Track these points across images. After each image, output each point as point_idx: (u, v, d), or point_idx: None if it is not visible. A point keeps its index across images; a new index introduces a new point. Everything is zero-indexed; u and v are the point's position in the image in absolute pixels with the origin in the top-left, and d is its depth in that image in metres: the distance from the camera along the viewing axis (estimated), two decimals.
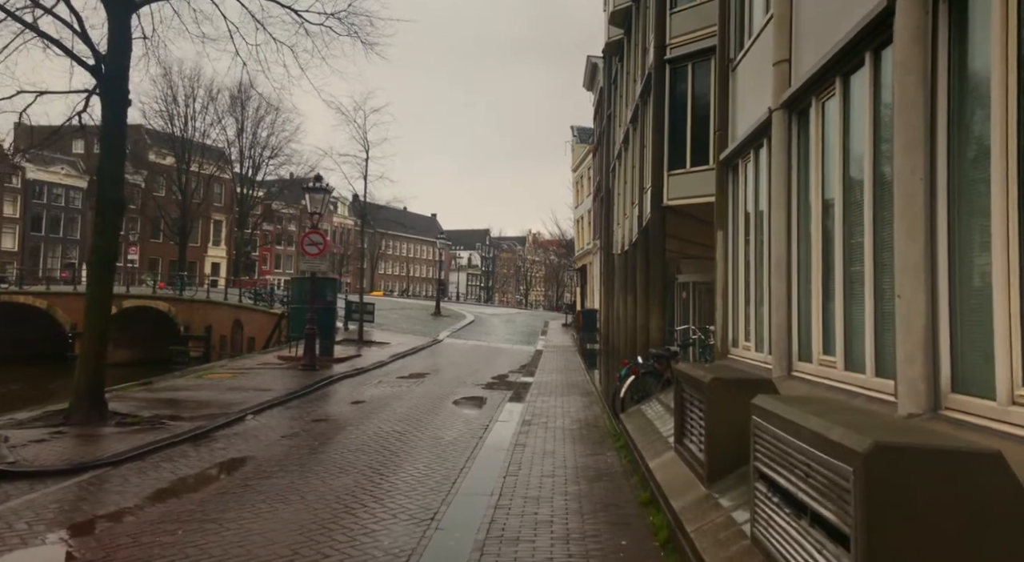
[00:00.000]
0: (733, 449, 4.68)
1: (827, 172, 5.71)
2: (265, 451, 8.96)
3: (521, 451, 8.60)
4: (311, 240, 17.28)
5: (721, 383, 4.78)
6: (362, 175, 26.83)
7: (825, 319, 5.69)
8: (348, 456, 8.70)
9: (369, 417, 11.68)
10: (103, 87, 10.95)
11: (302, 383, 15.31)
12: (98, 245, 10.81)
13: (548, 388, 15.56)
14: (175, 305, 38.37)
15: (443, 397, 14.12)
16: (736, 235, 8.71)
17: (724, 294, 9.01)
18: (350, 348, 23.98)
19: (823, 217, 5.76)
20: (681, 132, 15.44)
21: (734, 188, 8.86)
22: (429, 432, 10.33)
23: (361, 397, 14.02)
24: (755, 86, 8.00)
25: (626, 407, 9.52)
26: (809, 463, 2.76)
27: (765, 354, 7.36)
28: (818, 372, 5.70)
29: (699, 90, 15.06)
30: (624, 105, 24.12)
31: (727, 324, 8.94)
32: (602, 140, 34.52)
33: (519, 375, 18.56)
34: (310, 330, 17.42)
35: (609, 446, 8.82)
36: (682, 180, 15.28)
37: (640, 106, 18.88)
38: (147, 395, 13.26)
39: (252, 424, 10.85)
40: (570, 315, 46.98)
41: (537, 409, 12.38)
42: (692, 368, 5.56)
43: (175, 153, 66.05)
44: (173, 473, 7.74)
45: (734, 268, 8.77)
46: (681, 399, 5.91)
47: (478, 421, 11.30)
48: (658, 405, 8.92)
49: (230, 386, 14.59)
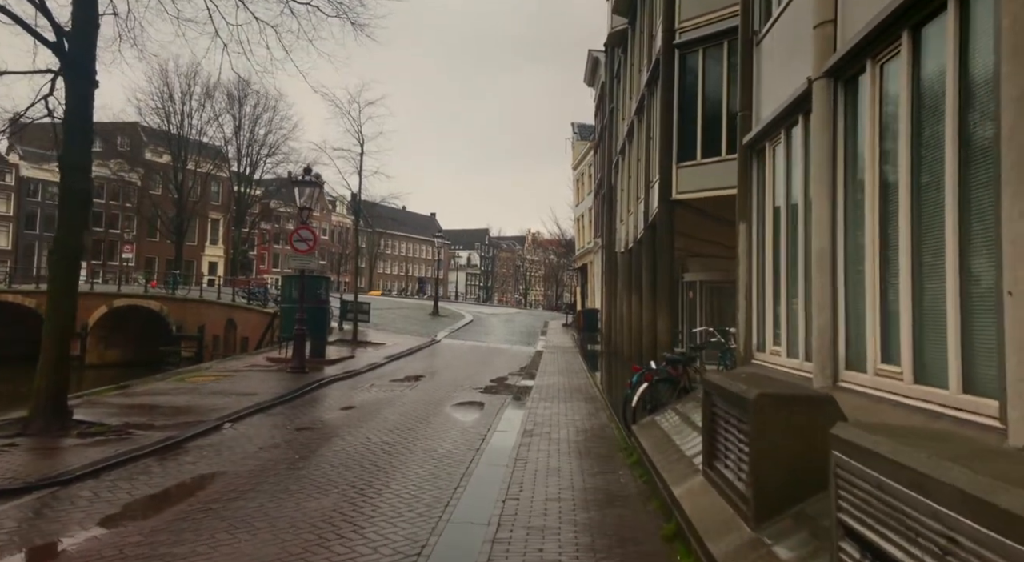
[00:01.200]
0: (787, 482, 3.80)
1: (888, 147, 4.82)
2: (238, 466, 8.07)
3: (522, 467, 7.71)
4: (300, 236, 16.38)
5: (770, 400, 3.90)
6: (356, 170, 25.74)
7: (884, 321, 4.80)
8: (330, 472, 7.81)
9: (358, 425, 10.80)
10: (67, 67, 10.06)
11: (289, 387, 14.42)
12: (61, 239, 9.92)
13: (550, 392, 14.68)
14: (167, 304, 37.47)
15: (438, 403, 13.23)
16: (762, 227, 7.83)
17: (748, 293, 8.13)
18: (344, 349, 23.11)
19: (882, 201, 4.87)
20: (691, 122, 14.55)
21: (760, 175, 7.97)
22: (422, 443, 9.44)
23: (351, 402, 13.13)
24: (786, 58, 7.12)
25: (638, 417, 8.64)
26: (954, 536, 1.88)
27: (800, 361, 6.48)
28: (875, 384, 4.81)
29: (711, 77, 14.17)
30: (628, 97, 23.23)
31: (751, 326, 8.06)
32: (603, 136, 33.63)
33: (519, 378, 17.68)
34: (299, 331, 16.53)
35: (620, 462, 7.93)
36: (692, 172, 14.39)
37: (646, 96, 17.99)
38: (122, 400, 12.38)
39: (229, 434, 9.96)
40: (570, 315, 46.09)
41: (539, 416, 11.50)
42: (729, 380, 4.67)
43: (171, 151, 65.17)
44: (129, 494, 6.84)
45: (760, 264, 7.89)
46: (712, 414, 5.03)
47: (475, 430, 10.42)
48: (674, 416, 8.04)
49: (212, 390, 13.70)
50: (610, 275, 29.15)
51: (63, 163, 10.15)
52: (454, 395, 14.35)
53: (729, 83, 13.66)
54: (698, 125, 14.35)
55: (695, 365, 9.31)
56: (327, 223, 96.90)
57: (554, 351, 26.29)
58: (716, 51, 13.97)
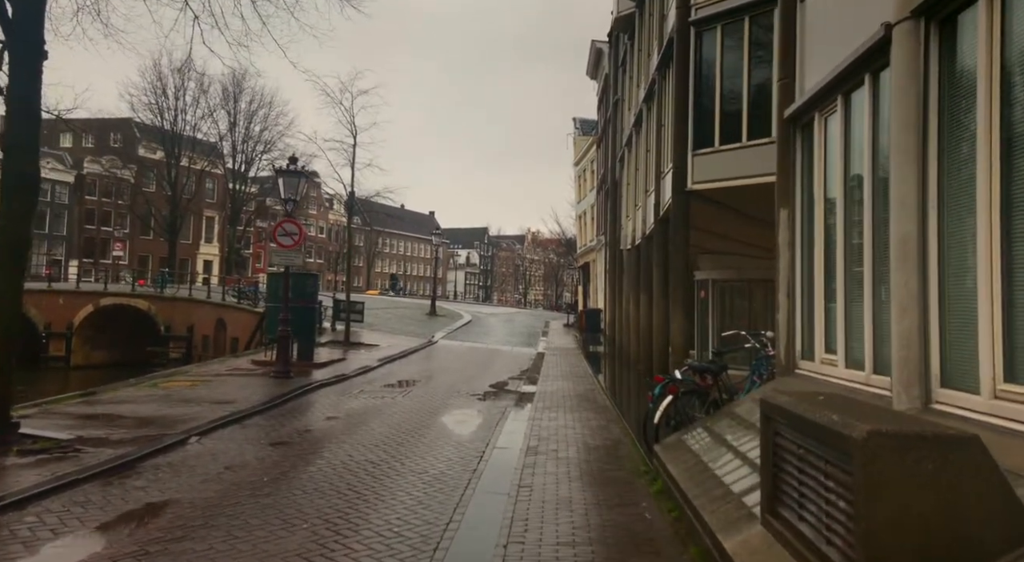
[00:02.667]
0: (916, 558, 2.65)
1: (1018, 95, 3.66)
2: (196, 492, 6.90)
3: (526, 498, 6.53)
4: (284, 230, 15.19)
5: (889, 442, 2.73)
6: (349, 162, 24.56)
7: (1011, 326, 3.63)
8: (301, 500, 6.65)
9: (341, 439, 9.63)
10: (11, 36, 8.89)
11: (271, 394, 13.26)
12: (3, 228, 8.74)
13: (554, 400, 13.51)
14: (156, 303, 36.29)
15: (432, 412, 12.06)
16: (810, 213, 6.67)
17: (790, 291, 6.96)
18: (335, 351, 21.94)
19: (1004, 169, 3.70)
20: (708, 106, 13.37)
21: (806, 152, 6.81)
22: (411, 462, 8.27)
23: (336, 412, 11.97)
24: (843, 10, 5.96)
25: (661, 435, 7.47)
26: None
27: (866, 373, 5.32)
28: (997, 410, 3.65)
29: (730, 56, 12.99)
30: (635, 85, 22.07)
31: (793, 330, 6.90)
32: (607, 129, 32.49)
33: (520, 383, 16.52)
34: (283, 332, 15.35)
35: (642, 491, 6.75)
36: (709, 161, 13.22)
37: (657, 81, 16.83)
38: (82, 409, 11.21)
39: (194, 450, 8.79)
40: (571, 315, 44.90)
41: (543, 429, 10.33)
42: (807, 405, 3.50)
43: (164, 147, 63.94)
44: (53, 533, 5.67)
45: (807, 256, 6.73)
46: (776, 447, 3.87)
47: (472, 446, 9.25)
48: (704, 435, 6.87)
49: (185, 397, 12.53)
50: (614, 274, 28.00)
51: (6, 143, 8.98)
52: (450, 403, 13.19)
53: (751, 62, 12.51)
54: (716, 109, 13.17)
55: (727, 375, 8.11)
56: (324, 221, 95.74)
57: (556, 353, 25.13)
58: (736, 27, 12.80)
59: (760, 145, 12.20)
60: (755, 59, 12.43)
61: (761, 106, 12.31)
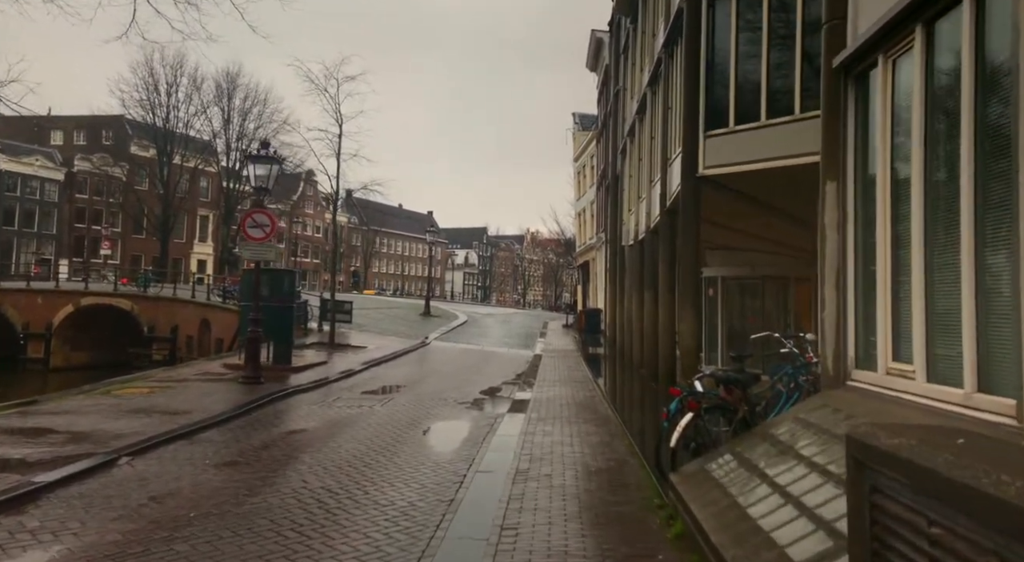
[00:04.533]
0: None
1: None
2: (97, 536, 5.52)
3: (510, 546, 5.13)
4: (255, 221, 13.79)
5: None
6: (334, 153, 23.16)
7: None
8: (227, 550, 5.26)
9: (300, 459, 8.26)
10: None
11: (235, 402, 11.88)
12: None
13: (550, 409, 12.12)
14: (139, 303, 34.86)
15: (412, 424, 10.69)
16: (869, 183, 5.29)
17: (840, 283, 5.59)
18: (320, 353, 20.55)
19: None
20: (722, 82, 11.99)
21: (861, 108, 5.43)
22: (376, 491, 6.89)
23: (304, 424, 10.60)
24: None
25: (679, 462, 6.07)
26: None
27: (967, 391, 3.94)
28: None
29: (747, 21, 11.61)
30: (638, 70, 20.70)
31: (844, 331, 5.52)
32: (608, 122, 31.12)
33: (514, 388, 15.15)
34: (253, 334, 13.96)
35: (657, 535, 5.35)
36: (723, 143, 11.83)
37: (663, 60, 15.43)
38: (11, 423, 9.81)
39: (120, 474, 7.40)
40: (570, 315, 43.48)
41: (536, 446, 8.94)
42: (967, 465, 2.12)
43: (156, 145, 62.57)
44: None
45: (864, 239, 5.35)
46: (873, 507, 2.51)
47: (451, 468, 7.87)
48: (734, 463, 5.50)
49: (135, 407, 11.14)
50: (614, 272, 26.60)
51: None
52: (434, 412, 11.80)
53: (771, 29, 11.13)
54: (731, 85, 11.78)
55: (755, 387, 6.67)
56: (321, 221, 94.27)
57: (554, 355, 23.74)
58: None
59: (781, 124, 10.88)
60: (776, 23, 11.07)
61: (784, 78, 10.96)
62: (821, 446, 4.86)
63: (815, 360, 6.33)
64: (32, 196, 66.41)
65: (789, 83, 10.97)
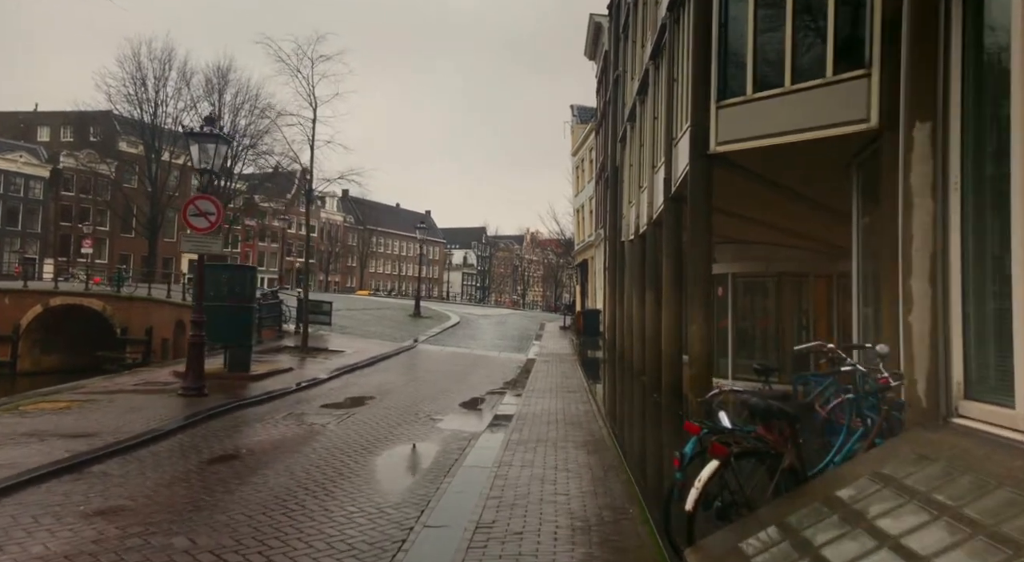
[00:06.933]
0: None
1: None
2: None
3: None
4: (197, 208, 11.91)
5: None
6: (308, 140, 21.31)
7: None
8: None
9: (203, 503, 6.41)
10: None
11: (163, 419, 10.05)
12: None
13: (536, 428, 10.27)
14: (111, 303, 33.01)
15: (365, 449, 8.85)
16: (979, 126, 3.44)
17: (936, 274, 3.74)
18: (291, 359, 18.71)
19: None
20: (738, 42, 10.14)
21: (973, 13, 3.58)
22: (291, 550, 5.04)
23: (236, 448, 8.77)
24: None
25: (697, 531, 4.16)
26: None
27: None
28: None
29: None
30: (639, 47, 18.86)
31: (946, 345, 3.68)
32: (607, 112, 29.28)
33: (499, 399, 13.33)
34: (194, 338, 12.11)
35: None
36: (741, 113, 9.96)
37: (668, 26, 13.56)
38: None
39: None
40: (568, 316, 41.59)
41: (511, 484, 7.09)
42: None
43: (144, 141, 60.68)
44: None
45: (977, 207, 3.51)
46: None
47: (395, 517, 6.02)
48: (783, 542, 3.64)
49: (32, 429, 9.27)
50: (614, 270, 24.76)
51: None
52: (397, 432, 9.96)
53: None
54: (748, 45, 9.93)
55: (800, 422, 4.64)
56: (315, 220, 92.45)
57: (549, 359, 21.88)
58: None
59: (810, 89, 9.08)
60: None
61: (814, 33, 9.14)
62: (918, 520, 3.06)
63: (893, 384, 4.47)
64: (16, 194, 64.66)
65: (821, 40, 9.14)
